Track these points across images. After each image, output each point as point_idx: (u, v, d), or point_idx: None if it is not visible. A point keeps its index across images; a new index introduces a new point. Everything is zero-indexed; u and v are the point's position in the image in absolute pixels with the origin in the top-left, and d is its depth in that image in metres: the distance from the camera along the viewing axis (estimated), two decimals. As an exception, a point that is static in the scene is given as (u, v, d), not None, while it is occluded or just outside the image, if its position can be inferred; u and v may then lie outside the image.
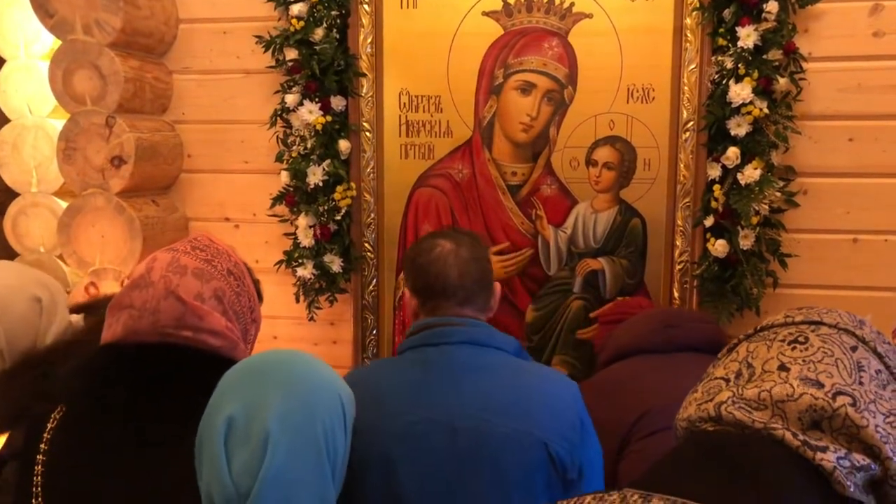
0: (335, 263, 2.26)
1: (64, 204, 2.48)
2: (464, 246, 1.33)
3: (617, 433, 1.45)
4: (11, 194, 2.58)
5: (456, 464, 1.15)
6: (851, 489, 0.65)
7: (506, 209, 2.24)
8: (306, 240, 2.26)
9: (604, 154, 2.18)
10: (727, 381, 0.77)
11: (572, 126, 2.18)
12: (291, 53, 2.21)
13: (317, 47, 2.19)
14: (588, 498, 0.74)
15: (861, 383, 0.70)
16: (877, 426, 0.67)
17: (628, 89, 2.15)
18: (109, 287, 2.21)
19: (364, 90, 2.25)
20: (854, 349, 0.73)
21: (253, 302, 1.18)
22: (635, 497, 0.71)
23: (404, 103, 2.26)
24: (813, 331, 0.75)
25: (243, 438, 0.78)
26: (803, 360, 0.72)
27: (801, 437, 0.68)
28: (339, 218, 2.26)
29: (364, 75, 2.24)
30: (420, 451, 1.08)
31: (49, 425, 1.07)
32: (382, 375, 1.28)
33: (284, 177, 2.27)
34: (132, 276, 1.12)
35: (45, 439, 1.05)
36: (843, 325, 0.76)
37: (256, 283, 1.23)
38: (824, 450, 0.67)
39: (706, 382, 0.79)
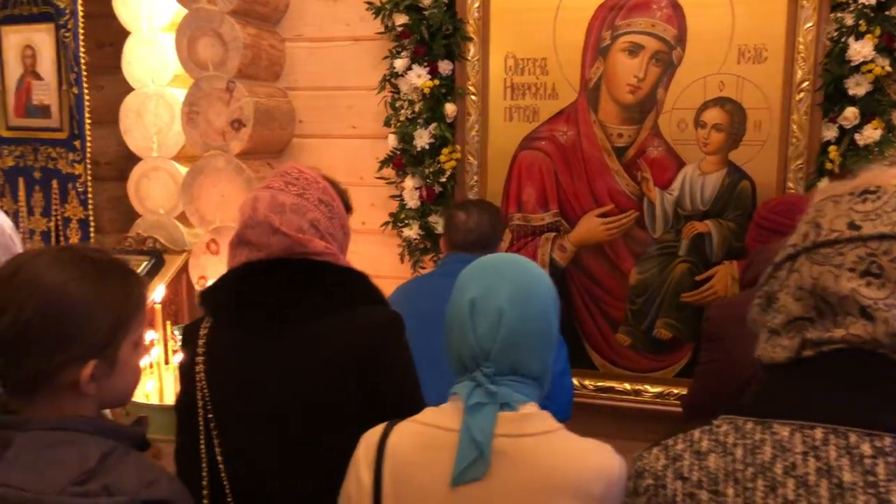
0: (440, 224, 2.32)
1: (182, 168, 2.62)
2: (472, 216, 1.90)
3: (748, 364, 1.44)
4: (134, 159, 2.74)
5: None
6: None
7: (611, 171, 2.24)
8: (412, 201, 2.33)
9: (713, 115, 2.15)
10: (811, 321, 0.75)
11: (681, 87, 2.16)
12: (401, 18, 2.27)
13: (425, 12, 2.24)
14: (696, 433, 0.76)
15: None
16: None
17: (739, 49, 2.12)
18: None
19: (471, 54, 2.29)
20: None
21: (343, 220, 1.37)
22: (749, 424, 0.72)
23: (510, 66, 2.28)
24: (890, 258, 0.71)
25: (483, 313, 1.05)
26: (885, 306, 0.69)
27: None
28: (443, 180, 2.31)
29: (471, 39, 2.28)
30: (428, 330, 1.39)
31: (202, 331, 1.30)
32: (415, 284, 2.02)
33: (392, 140, 2.34)
34: (242, 216, 1.31)
35: (202, 336, 1.29)
36: None
37: (343, 194, 1.41)
38: None
39: (788, 323, 0.77)
